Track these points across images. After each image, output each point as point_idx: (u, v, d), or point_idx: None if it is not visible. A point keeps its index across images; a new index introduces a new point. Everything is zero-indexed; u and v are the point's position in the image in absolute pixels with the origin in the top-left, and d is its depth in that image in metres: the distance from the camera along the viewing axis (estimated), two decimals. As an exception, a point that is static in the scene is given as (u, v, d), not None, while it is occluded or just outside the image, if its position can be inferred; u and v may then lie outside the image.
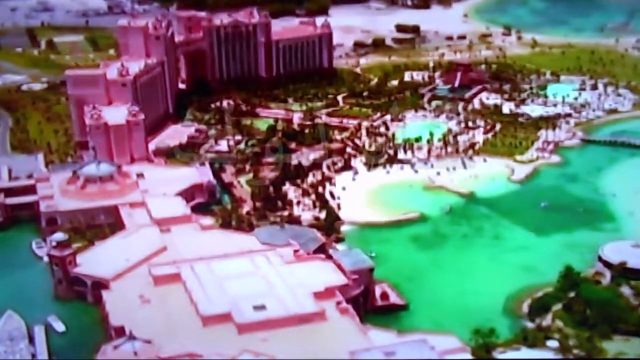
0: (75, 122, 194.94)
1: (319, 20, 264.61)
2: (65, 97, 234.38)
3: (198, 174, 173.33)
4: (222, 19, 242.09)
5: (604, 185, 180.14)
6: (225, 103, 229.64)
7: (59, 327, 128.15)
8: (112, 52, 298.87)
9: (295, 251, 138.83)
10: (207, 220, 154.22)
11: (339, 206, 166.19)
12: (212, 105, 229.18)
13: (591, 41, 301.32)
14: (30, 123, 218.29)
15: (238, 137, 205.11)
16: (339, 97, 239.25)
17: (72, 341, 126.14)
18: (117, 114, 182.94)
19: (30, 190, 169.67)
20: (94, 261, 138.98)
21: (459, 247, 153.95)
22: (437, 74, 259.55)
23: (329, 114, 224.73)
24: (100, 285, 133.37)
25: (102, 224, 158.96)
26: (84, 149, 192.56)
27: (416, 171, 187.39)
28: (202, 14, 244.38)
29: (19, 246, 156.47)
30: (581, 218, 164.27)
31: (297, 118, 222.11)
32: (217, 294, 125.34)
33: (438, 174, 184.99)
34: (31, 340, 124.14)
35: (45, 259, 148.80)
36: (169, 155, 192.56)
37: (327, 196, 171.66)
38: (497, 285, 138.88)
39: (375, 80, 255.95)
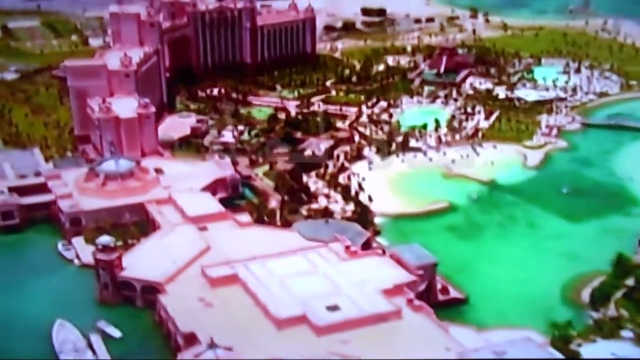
0: (75, 115, 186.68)
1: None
2: (45, 87, 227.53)
3: (219, 167, 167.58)
4: (207, 4, 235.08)
5: (618, 169, 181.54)
6: (216, 92, 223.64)
7: (115, 333, 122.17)
8: (74, 37, 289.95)
9: (347, 247, 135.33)
10: (244, 217, 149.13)
11: (370, 197, 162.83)
12: (202, 94, 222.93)
13: (560, 23, 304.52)
14: (15, 116, 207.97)
15: (240, 128, 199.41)
16: (327, 83, 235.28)
17: (130, 347, 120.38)
18: (125, 106, 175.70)
19: (42, 188, 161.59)
20: (139, 264, 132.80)
21: (498, 237, 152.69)
22: (419, 58, 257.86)
23: (323, 101, 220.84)
24: (151, 289, 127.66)
25: (128, 223, 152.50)
26: (84, 142, 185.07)
27: (430, 159, 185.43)
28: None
29: (42, 249, 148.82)
30: (607, 203, 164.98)
31: (292, 106, 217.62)
32: (284, 295, 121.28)
33: (453, 161, 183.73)
34: (91, 348, 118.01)
35: (76, 261, 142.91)
36: (175, 147, 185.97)
37: (354, 187, 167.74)
38: (548, 274, 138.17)
39: (359, 65, 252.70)
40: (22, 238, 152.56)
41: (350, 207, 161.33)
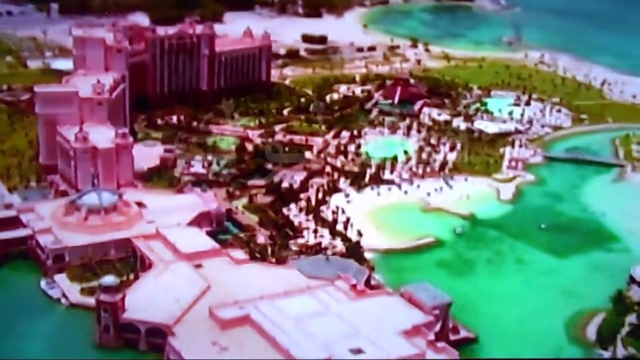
0: (42, 144, 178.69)
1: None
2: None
3: (202, 200, 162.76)
4: (166, 30, 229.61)
5: (589, 204, 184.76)
6: (175, 119, 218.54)
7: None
8: (9, 59, 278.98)
9: (353, 285, 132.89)
10: (238, 254, 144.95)
11: (359, 232, 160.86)
12: (160, 121, 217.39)
13: (500, 55, 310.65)
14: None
15: (209, 158, 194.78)
16: (285, 112, 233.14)
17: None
18: (101, 135, 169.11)
19: (13, 222, 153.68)
20: (140, 304, 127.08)
21: (491, 273, 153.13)
22: (371, 88, 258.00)
23: (285, 131, 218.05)
24: (157, 331, 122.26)
25: (113, 260, 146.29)
26: (51, 172, 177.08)
27: (406, 192, 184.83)
28: (145, 24, 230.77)
29: (23, 288, 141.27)
30: (587, 239, 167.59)
31: (253, 135, 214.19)
32: (302, 337, 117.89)
33: (428, 194, 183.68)
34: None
35: (64, 301, 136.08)
36: (146, 179, 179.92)
37: (339, 221, 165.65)
38: (548, 311, 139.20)
39: (312, 94, 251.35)
40: (1, 274, 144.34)
41: (337, 241, 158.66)
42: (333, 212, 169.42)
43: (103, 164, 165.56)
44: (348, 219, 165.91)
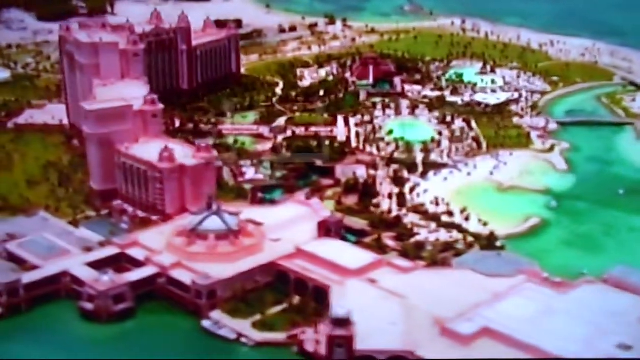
0: (96, 168, 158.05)
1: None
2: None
3: (311, 209, 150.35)
4: (143, 27, 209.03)
5: (635, 162, 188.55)
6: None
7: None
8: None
9: (545, 279, 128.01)
10: (402, 262, 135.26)
11: (467, 218, 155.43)
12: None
13: (418, 25, 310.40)
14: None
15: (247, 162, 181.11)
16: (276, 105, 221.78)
17: None
18: (180, 152, 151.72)
19: (118, 260, 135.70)
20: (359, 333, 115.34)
21: (621, 245, 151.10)
22: (329, 69, 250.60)
23: (288, 124, 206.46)
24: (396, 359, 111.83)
25: (260, 287, 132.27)
26: (108, 199, 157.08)
27: (469, 174, 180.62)
28: (122, 21, 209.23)
29: (182, 331, 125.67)
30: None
31: (265, 132, 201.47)
32: (554, 338, 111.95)
33: (491, 173, 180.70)
34: None
35: (245, 340, 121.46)
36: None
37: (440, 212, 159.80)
38: None
39: (281, 82, 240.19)
40: (144, 322, 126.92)
41: (454, 233, 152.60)
42: (436, 202, 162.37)
43: (192, 182, 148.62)
44: (450, 210, 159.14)
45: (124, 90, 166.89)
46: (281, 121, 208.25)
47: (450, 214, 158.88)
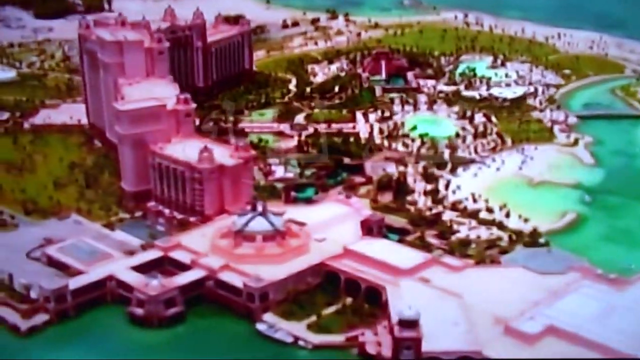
0: (129, 169, 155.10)
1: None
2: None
3: (352, 207, 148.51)
4: (159, 25, 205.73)
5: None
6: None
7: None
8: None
9: (598, 274, 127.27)
10: (454, 260, 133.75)
11: (508, 214, 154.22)
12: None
13: (432, 19, 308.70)
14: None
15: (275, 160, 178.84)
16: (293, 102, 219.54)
17: None
18: (218, 151, 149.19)
19: (161, 263, 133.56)
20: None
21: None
22: (339, 64, 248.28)
23: (308, 120, 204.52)
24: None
25: (310, 288, 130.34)
26: (142, 200, 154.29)
27: (498, 169, 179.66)
28: (138, 19, 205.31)
29: (237, 335, 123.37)
30: None
31: (285, 129, 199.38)
32: (620, 336, 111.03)
33: (520, 168, 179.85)
34: None
35: (302, 343, 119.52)
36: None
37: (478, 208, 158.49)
38: None
39: (294, 78, 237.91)
40: (196, 326, 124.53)
41: (494, 230, 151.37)
42: (473, 199, 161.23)
43: (232, 182, 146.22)
44: (489, 206, 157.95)
45: (152, 89, 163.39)
46: (300, 118, 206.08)
47: (489, 210, 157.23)
